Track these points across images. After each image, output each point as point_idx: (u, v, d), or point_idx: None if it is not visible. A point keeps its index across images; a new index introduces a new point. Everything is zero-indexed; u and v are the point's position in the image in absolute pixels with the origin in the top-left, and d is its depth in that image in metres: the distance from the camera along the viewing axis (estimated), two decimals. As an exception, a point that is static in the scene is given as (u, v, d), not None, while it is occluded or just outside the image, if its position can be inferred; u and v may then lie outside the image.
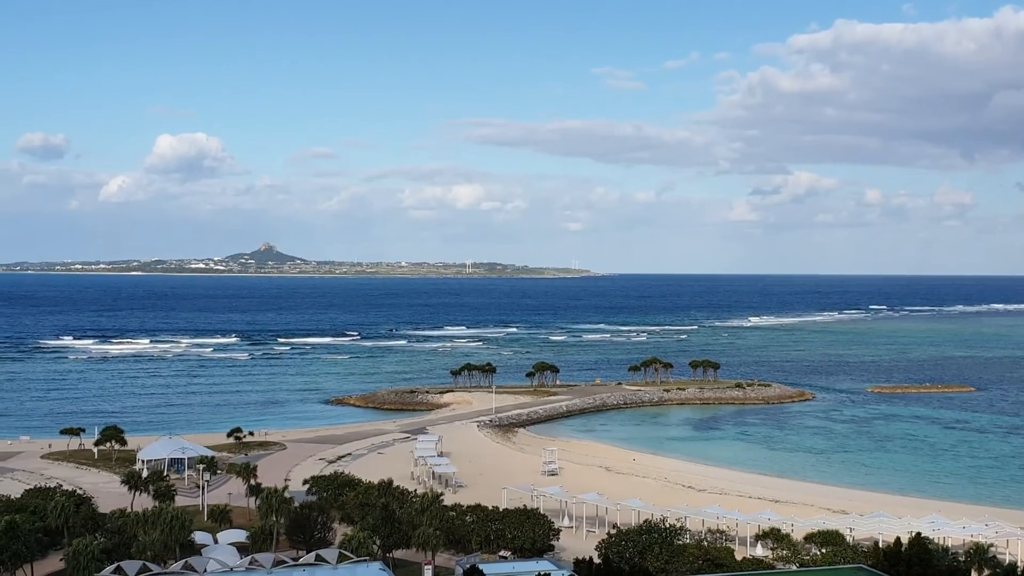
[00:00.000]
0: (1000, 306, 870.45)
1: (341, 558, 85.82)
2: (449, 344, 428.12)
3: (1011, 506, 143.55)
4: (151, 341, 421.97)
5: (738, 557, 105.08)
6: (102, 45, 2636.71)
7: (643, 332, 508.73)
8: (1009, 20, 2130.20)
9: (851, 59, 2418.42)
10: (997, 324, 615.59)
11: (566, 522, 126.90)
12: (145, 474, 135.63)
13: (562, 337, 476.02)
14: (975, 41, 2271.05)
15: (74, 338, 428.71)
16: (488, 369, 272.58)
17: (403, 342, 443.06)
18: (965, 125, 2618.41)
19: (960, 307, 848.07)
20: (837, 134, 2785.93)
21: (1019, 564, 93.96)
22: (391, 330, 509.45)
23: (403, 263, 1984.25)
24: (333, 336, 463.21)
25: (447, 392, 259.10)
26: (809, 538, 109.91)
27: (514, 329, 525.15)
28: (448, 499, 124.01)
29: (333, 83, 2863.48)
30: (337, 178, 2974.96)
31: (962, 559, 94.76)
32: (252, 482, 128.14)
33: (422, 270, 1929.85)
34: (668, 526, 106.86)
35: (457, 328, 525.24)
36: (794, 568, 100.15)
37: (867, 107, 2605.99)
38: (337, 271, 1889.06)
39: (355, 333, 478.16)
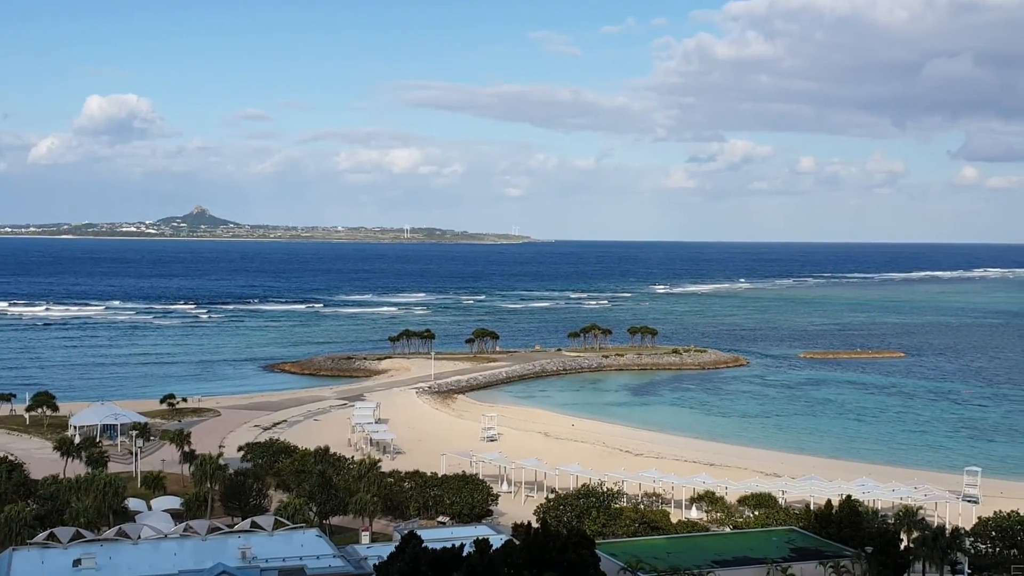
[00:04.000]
0: (939, 273, 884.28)
1: (277, 525, 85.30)
2: (387, 310, 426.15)
3: (939, 469, 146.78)
4: (83, 306, 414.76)
5: (674, 520, 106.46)
6: (30, 3, 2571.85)
7: (581, 299, 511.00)
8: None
9: (785, 26, 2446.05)
10: (927, 291, 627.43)
11: (505, 487, 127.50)
12: (77, 440, 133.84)
13: (502, 304, 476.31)
14: (907, 9, 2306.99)
15: (5, 303, 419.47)
16: (427, 335, 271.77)
17: (340, 309, 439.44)
18: (897, 94, 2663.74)
19: (890, 274, 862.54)
20: (772, 102, 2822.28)
21: (947, 526, 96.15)
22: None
23: (339, 228, 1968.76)
24: (290, 303, 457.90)
25: (385, 359, 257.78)
26: (743, 501, 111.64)
27: (454, 295, 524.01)
28: (386, 465, 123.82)
29: (268, 43, 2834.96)
30: (271, 140, 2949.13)
31: (891, 521, 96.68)
32: (186, 449, 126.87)
33: (359, 235, 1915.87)
34: (606, 490, 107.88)
35: (395, 295, 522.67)
36: (728, 530, 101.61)
37: (801, 75, 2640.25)
38: (271, 235, 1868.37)
39: (317, 302, 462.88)
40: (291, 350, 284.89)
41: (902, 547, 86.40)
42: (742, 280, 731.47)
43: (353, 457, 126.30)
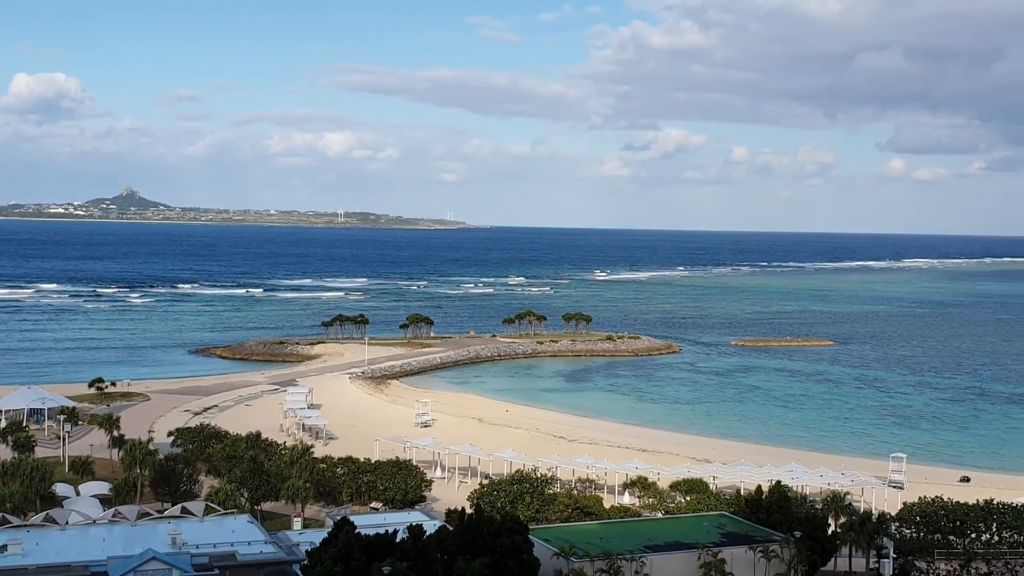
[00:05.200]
0: (870, 263, 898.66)
1: (208, 511, 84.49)
2: (324, 295, 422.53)
3: (866, 455, 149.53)
4: (11, 289, 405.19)
5: (607, 505, 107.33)
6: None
7: (520, 284, 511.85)
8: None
9: (720, 17, 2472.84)
10: (858, 280, 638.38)
11: (438, 473, 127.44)
12: (3, 425, 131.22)
13: (438, 289, 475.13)
14: (839, 2, 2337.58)
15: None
16: (361, 320, 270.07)
17: (276, 294, 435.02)
18: (829, 85, 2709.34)
19: (824, 264, 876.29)
20: (706, 92, 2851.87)
21: (874, 511, 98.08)
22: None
23: (272, 211, 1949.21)
24: (225, 287, 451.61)
25: (318, 343, 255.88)
26: (674, 486, 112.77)
27: (392, 281, 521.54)
28: (319, 451, 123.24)
29: (201, 23, 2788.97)
30: (203, 122, 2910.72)
31: (820, 506, 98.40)
32: (115, 433, 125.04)
33: (292, 219, 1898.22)
34: (539, 476, 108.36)
35: (333, 279, 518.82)
36: (660, 515, 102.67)
37: (736, 65, 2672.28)
38: (203, 218, 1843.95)
39: (254, 287, 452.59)
40: (223, 335, 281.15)
41: (830, 532, 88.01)
42: (680, 268, 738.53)
43: (285, 443, 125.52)
